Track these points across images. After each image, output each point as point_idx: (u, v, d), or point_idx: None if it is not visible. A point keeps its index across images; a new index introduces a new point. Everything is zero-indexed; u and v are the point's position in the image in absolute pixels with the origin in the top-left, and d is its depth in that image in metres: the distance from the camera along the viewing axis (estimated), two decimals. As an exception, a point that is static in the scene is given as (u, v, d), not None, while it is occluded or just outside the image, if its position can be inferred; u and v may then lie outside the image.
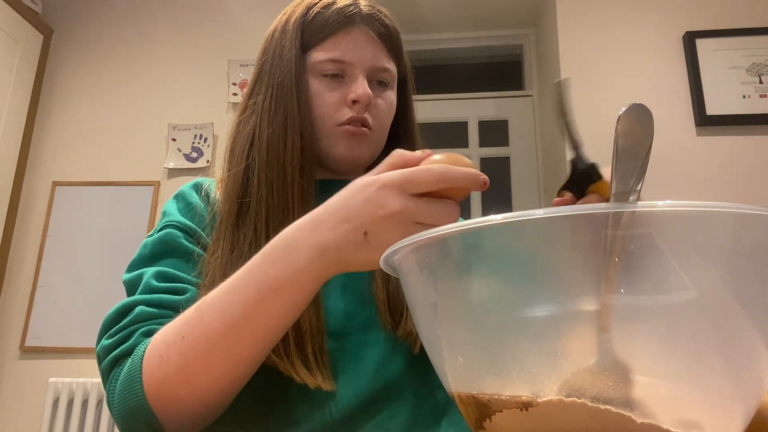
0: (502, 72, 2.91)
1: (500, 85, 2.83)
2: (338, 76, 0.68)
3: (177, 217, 0.67)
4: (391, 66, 0.71)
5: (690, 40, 2.16)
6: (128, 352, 0.54)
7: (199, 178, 0.74)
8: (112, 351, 0.55)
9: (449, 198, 0.45)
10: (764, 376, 0.32)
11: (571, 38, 2.27)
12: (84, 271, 2.25)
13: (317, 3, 0.70)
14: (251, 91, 0.72)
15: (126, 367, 0.53)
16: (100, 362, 0.56)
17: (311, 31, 0.68)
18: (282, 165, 0.65)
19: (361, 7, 0.70)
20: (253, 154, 0.67)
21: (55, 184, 2.37)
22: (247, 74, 2.41)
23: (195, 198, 0.70)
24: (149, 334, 0.55)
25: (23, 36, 2.38)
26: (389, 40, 0.71)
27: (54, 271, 2.26)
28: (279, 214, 0.64)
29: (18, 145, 2.37)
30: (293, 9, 0.72)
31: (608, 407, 0.30)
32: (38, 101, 2.48)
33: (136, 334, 0.55)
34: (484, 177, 0.44)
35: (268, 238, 0.62)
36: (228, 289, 0.51)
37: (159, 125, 2.40)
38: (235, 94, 2.41)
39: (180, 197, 0.70)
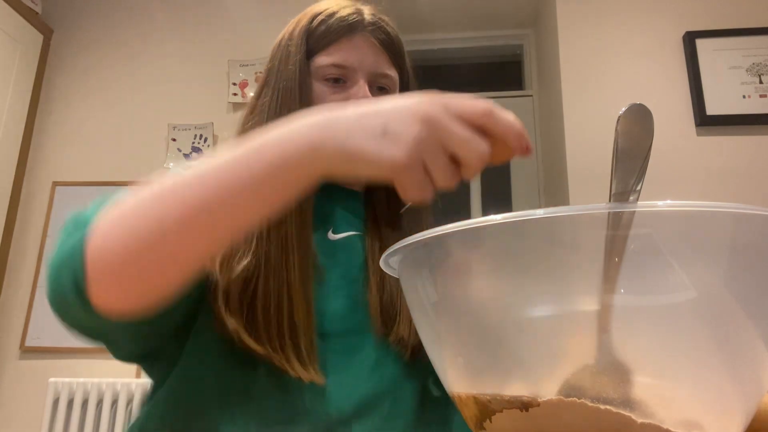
0: (502, 72, 2.91)
1: (500, 85, 2.83)
2: (340, 80, 0.69)
3: None
4: (393, 72, 0.72)
5: (690, 40, 2.16)
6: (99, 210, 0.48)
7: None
8: (78, 214, 0.50)
9: None
10: (764, 376, 0.32)
11: (571, 38, 2.27)
12: (84, 271, 2.24)
13: (322, 12, 0.72)
14: (259, 93, 0.73)
15: (79, 218, 0.48)
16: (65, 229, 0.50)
17: (315, 38, 0.70)
18: None
19: (364, 15, 0.71)
20: None
21: (55, 184, 2.37)
22: (247, 74, 2.41)
23: None
24: None
25: (23, 36, 2.38)
26: (391, 47, 0.72)
27: (54, 271, 2.26)
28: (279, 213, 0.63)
29: (18, 145, 2.37)
30: (299, 19, 0.73)
31: (608, 407, 0.30)
32: (38, 101, 2.48)
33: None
34: (528, 142, 0.41)
35: (269, 235, 0.61)
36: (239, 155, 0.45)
37: (159, 125, 2.40)
38: (235, 94, 2.41)
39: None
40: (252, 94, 0.75)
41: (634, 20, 2.24)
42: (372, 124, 0.41)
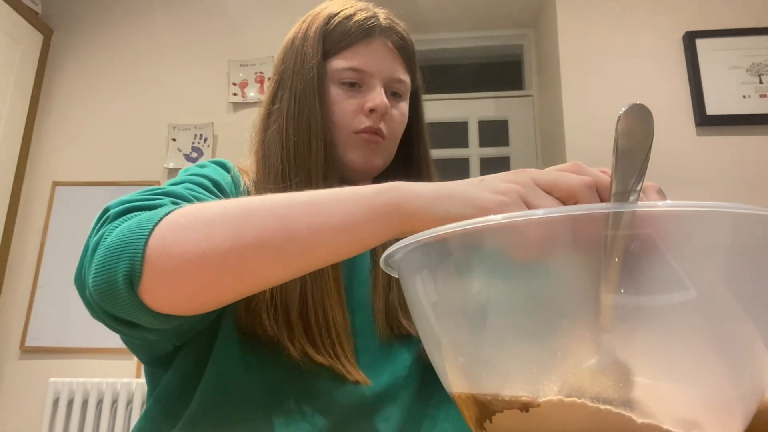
0: (502, 72, 2.91)
1: (500, 85, 2.83)
2: (356, 84, 0.70)
3: (208, 175, 0.64)
4: (406, 78, 0.73)
5: (690, 40, 2.16)
6: (150, 207, 0.49)
7: (220, 159, 0.71)
8: (131, 203, 0.50)
9: None
10: (764, 376, 0.32)
11: (571, 38, 2.27)
12: (84, 271, 2.24)
13: (338, 14, 0.71)
14: (273, 96, 0.72)
15: (142, 215, 0.47)
16: (102, 217, 0.50)
17: (332, 40, 0.70)
18: (308, 172, 0.66)
19: (381, 19, 0.71)
20: (284, 162, 0.68)
21: (55, 184, 2.37)
22: (247, 74, 2.41)
23: (224, 175, 0.67)
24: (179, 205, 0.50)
25: (23, 36, 2.38)
26: (406, 52, 0.73)
27: (54, 271, 2.26)
28: None
29: (18, 145, 2.37)
30: (313, 18, 0.73)
31: (608, 407, 0.30)
32: (38, 101, 2.48)
33: (165, 200, 0.51)
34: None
35: None
36: (312, 196, 0.46)
37: (159, 125, 2.40)
38: (235, 94, 2.40)
39: (204, 167, 0.68)
40: (252, 94, 0.75)
41: (634, 20, 2.24)
42: (466, 180, 0.43)
